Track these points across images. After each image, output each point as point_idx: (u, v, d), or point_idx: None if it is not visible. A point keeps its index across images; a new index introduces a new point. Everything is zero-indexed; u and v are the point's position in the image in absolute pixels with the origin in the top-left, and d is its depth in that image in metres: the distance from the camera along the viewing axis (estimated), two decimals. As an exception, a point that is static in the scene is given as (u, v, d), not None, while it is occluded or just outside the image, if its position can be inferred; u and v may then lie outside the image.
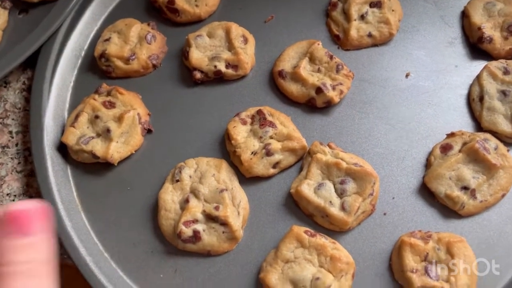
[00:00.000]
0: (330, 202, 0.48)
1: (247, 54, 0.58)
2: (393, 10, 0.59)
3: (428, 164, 0.51)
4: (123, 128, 0.53)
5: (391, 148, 0.53)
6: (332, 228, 0.49)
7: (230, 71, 0.57)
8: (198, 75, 0.57)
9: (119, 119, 0.53)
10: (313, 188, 0.49)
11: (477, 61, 0.57)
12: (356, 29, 0.58)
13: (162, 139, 0.55)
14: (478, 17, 0.57)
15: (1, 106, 0.59)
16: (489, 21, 0.57)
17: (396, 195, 0.51)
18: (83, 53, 0.61)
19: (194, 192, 0.50)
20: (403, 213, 0.50)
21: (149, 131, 0.56)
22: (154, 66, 0.59)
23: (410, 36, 0.60)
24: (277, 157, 0.51)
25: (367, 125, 0.54)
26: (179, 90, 0.58)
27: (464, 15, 0.60)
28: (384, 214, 0.50)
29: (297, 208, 0.51)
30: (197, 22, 0.62)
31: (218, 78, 0.58)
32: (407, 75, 0.57)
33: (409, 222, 0.49)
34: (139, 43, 0.59)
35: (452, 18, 0.60)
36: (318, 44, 0.57)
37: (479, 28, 0.56)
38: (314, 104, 0.55)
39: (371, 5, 0.59)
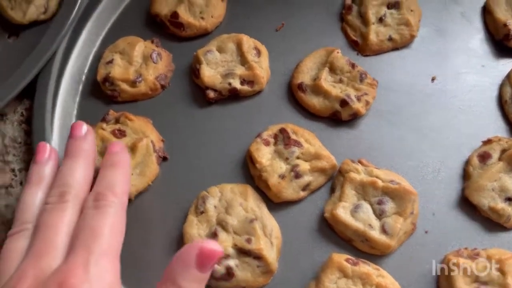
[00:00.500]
0: (370, 225, 0.45)
1: (262, 68, 0.54)
2: (412, 10, 0.56)
3: (466, 175, 0.49)
4: (138, 158, 0.49)
5: (425, 160, 0.50)
6: (372, 252, 0.46)
7: (245, 87, 0.53)
8: (211, 94, 0.53)
9: (132, 149, 0.49)
10: (349, 210, 0.46)
11: (504, 59, 0.54)
12: (376, 33, 0.55)
13: (179, 167, 0.52)
14: (502, 13, 0.54)
15: (-1, 142, 0.54)
16: (515, 16, 0.54)
17: (436, 210, 0.48)
18: (83, 78, 0.57)
19: (222, 224, 0.46)
20: (445, 230, 0.47)
21: (164, 158, 0.52)
22: (163, 86, 0.55)
23: (431, 36, 0.56)
24: (306, 179, 0.48)
25: (397, 136, 0.51)
26: (192, 111, 0.54)
27: (486, 11, 0.57)
28: (426, 232, 0.47)
29: (332, 232, 0.47)
30: (203, 35, 0.58)
31: (232, 95, 0.54)
32: (433, 79, 0.54)
33: (453, 239, 0.46)
34: (144, 63, 0.55)
35: (473, 15, 0.57)
36: (338, 52, 0.53)
37: (505, 25, 0.53)
38: (339, 118, 0.52)
39: (389, 6, 0.56)
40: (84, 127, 0.38)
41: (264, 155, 0.49)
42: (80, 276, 0.28)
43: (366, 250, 0.46)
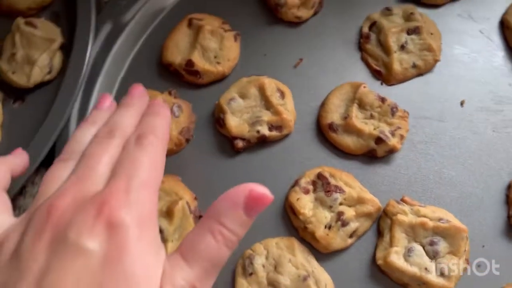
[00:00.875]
0: (425, 268, 0.44)
1: (288, 110, 0.52)
2: (431, 34, 0.55)
3: (509, 201, 0.48)
4: (175, 223, 0.47)
5: (467, 190, 0.49)
6: (430, 295, 0.45)
7: (274, 133, 0.51)
8: (240, 144, 0.51)
9: (168, 214, 0.47)
10: (402, 255, 0.45)
11: (530, 75, 0.54)
12: (399, 62, 0.53)
13: (217, 224, 0.50)
14: (523, 29, 0.54)
15: (22, 219, 0.51)
16: (536, 31, 0.53)
17: (485, 242, 0.47)
18: (102, 139, 0.54)
19: (274, 285, 0.44)
20: (498, 261, 0.46)
21: (200, 217, 0.50)
22: (187, 140, 0.53)
23: (453, 58, 0.55)
24: (353, 225, 0.47)
25: (435, 168, 0.50)
26: (220, 162, 0.52)
27: (504, 26, 0.56)
28: (479, 266, 0.46)
29: (384, 276, 0.46)
30: (220, 79, 0.56)
31: (260, 141, 0.52)
32: (462, 103, 0.53)
33: (507, 271, 0.46)
34: (165, 118, 0.52)
35: (492, 31, 0.57)
36: (364, 87, 0.52)
37: (528, 41, 0.53)
38: (374, 155, 0.50)
39: (409, 32, 0.54)
40: (142, 89, 0.40)
41: (306, 204, 0.47)
42: (121, 199, 0.28)
43: (424, 293, 0.45)
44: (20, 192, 0.52)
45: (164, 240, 0.46)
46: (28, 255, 0.26)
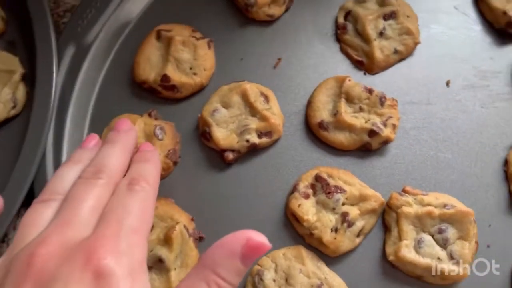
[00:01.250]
0: (438, 258, 0.43)
1: (275, 114, 0.50)
2: (408, 16, 0.53)
3: (509, 177, 0.48)
4: (175, 250, 0.44)
5: (465, 171, 0.49)
6: (444, 283, 0.44)
7: (264, 139, 0.49)
8: (230, 156, 0.49)
9: (167, 241, 0.44)
10: (412, 248, 0.44)
11: (509, 47, 0.53)
12: (380, 49, 0.52)
13: (218, 243, 0.47)
14: (498, 1, 0.53)
15: (9, 268, 0.48)
16: (511, 2, 0.53)
17: (491, 221, 0.47)
18: (83, 171, 0.51)
19: (289, 299, 0.43)
20: (506, 239, 0.46)
21: (200, 238, 0.47)
22: (175, 163, 0.50)
23: (432, 38, 0.55)
24: (359, 224, 0.45)
25: (431, 153, 0.50)
26: (212, 178, 0.50)
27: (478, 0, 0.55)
28: (488, 246, 0.46)
29: (396, 270, 0.45)
30: (199, 90, 0.53)
31: (251, 150, 0.50)
32: (447, 83, 0.52)
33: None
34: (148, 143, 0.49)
35: (467, 6, 0.56)
36: (349, 80, 0.50)
37: (505, 13, 0.52)
38: (369, 148, 0.49)
39: (385, 17, 0.53)
40: (129, 124, 0.38)
41: (308, 210, 0.46)
42: (110, 246, 0.26)
43: (438, 282, 0.44)
44: (3, 239, 0.49)
45: (166, 269, 0.44)
46: None
